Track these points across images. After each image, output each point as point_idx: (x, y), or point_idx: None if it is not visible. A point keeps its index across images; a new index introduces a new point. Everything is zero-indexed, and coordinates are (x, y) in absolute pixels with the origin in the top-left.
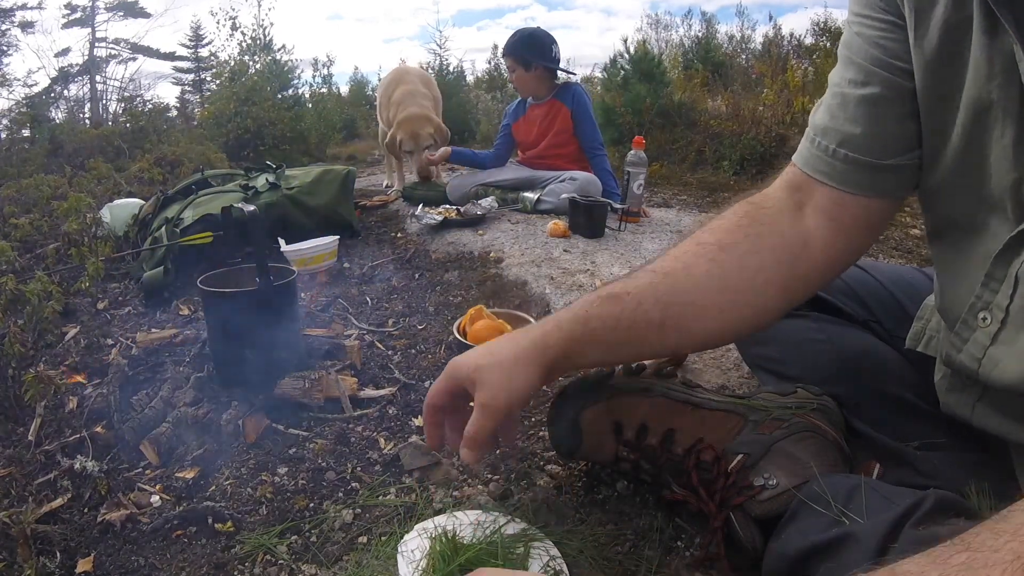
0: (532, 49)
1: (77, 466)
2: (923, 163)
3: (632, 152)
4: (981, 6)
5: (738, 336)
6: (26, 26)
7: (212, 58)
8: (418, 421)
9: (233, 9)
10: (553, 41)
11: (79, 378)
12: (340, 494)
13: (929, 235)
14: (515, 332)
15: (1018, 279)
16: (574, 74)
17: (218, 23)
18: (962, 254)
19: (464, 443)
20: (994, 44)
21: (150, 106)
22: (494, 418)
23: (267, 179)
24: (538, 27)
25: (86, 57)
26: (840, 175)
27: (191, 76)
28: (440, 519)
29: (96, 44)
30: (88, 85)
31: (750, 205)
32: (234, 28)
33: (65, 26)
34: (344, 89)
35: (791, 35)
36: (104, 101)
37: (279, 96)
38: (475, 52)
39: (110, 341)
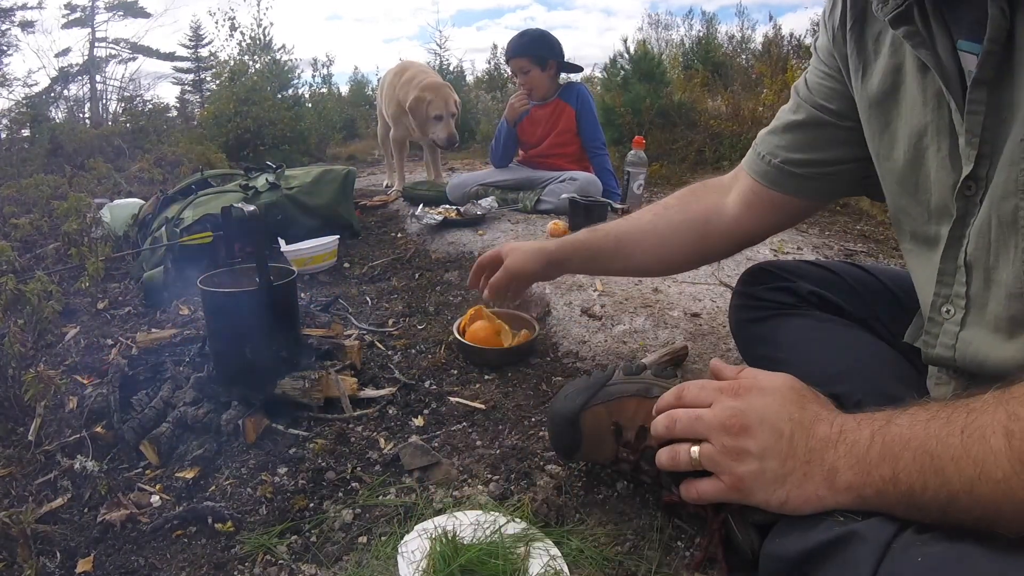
0: (548, 47)
1: (77, 466)
2: (881, 191)
3: (632, 152)
4: (911, 52)
5: (662, 271)
6: (26, 26)
7: (212, 58)
8: (418, 421)
9: (232, 9)
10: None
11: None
12: (340, 494)
13: (905, 258)
14: (538, 241)
15: (968, 265)
16: (580, 68)
17: (217, 23)
18: (924, 264)
19: (489, 286)
20: (925, 79)
21: (150, 106)
22: (508, 277)
23: (267, 179)
24: (538, 27)
25: (86, 57)
26: (761, 173)
27: (191, 76)
28: (440, 519)
29: (96, 44)
30: (88, 85)
31: (700, 184)
32: (233, 28)
33: (65, 26)
34: (344, 89)
35: (791, 35)
36: (104, 101)
37: (279, 96)
38: (475, 52)
39: (110, 341)
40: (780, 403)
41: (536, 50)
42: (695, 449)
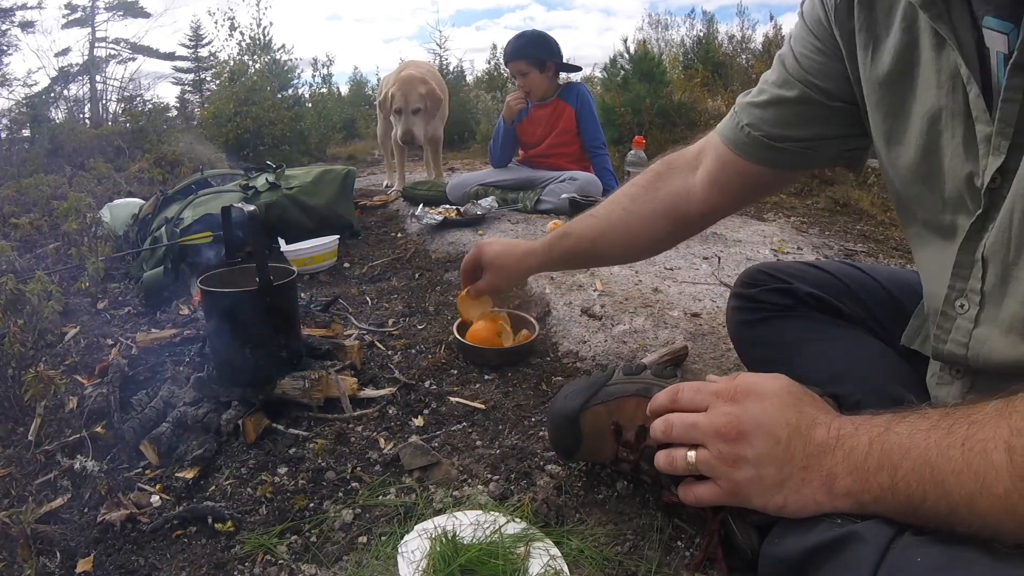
0: (546, 49)
1: (77, 466)
2: (860, 163)
3: (632, 152)
4: (927, 27)
5: (638, 258)
6: (26, 26)
7: (212, 58)
8: (418, 421)
9: (231, 9)
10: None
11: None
12: (340, 494)
13: (910, 243)
14: (519, 246)
15: (985, 260)
16: (579, 68)
17: (216, 23)
18: (936, 254)
19: (470, 291)
20: (940, 58)
21: (150, 106)
22: (488, 289)
23: (267, 179)
24: (535, 28)
25: (86, 57)
26: (738, 143)
27: (191, 76)
28: (440, 519)
29: (96, 44)
30: (88, 85)
31: (665, 164)
32: (233, 28)
33: (65, 26)
34: (344, 89)
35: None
36: (104, 101)
37: (279, 96)
38: (474, 52)
39: (110, 341)
40: (777, 408)
41: (534, 52)
42: (691, 454)
